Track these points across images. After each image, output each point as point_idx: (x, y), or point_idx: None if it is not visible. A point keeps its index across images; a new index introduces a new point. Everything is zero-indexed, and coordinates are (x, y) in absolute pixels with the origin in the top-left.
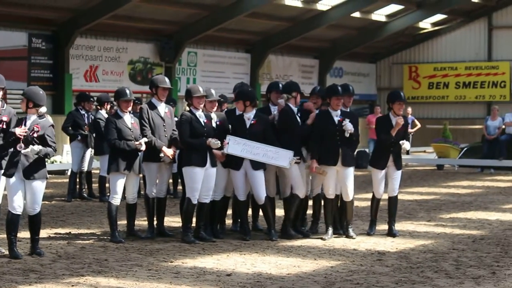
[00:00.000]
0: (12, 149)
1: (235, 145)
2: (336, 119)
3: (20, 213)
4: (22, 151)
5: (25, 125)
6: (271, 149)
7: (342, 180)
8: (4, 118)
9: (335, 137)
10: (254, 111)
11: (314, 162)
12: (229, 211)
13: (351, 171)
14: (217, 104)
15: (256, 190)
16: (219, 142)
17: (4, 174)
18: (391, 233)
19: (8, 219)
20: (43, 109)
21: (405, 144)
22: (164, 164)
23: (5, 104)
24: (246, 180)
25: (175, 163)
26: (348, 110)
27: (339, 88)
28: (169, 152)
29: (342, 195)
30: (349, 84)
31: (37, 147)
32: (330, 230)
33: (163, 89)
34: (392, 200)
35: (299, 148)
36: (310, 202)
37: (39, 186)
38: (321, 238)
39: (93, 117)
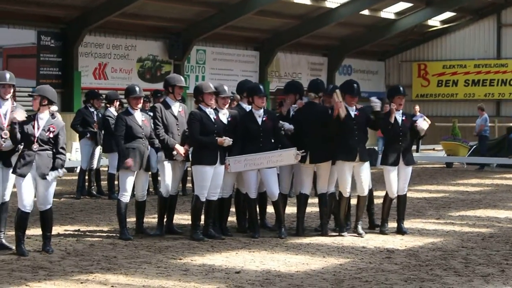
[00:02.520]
0: (22, 148)
1: (237, 164)
2: (353, 113)
3: (30, 211)
4: (49, 179)
5: (37, 122)
6: (273, 154)
7: (358, 175)
8: (19, 118)
9: (353, 132)
10: (262, 108)
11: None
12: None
13: (367, 165)
14: (229, 101)
15: (269, 187)
16: (231, 140)
17: (16, 173)
18: (400, 230)
19: (17, 216)
20: (54, 108)
21: (422, 124)
22: (177, 162)
23: (15, 102)
24: (258, 177)
25: (188, 161)
26: (359, 106)
27: (355, 85)
28: (181, 150)
29: (357, 190)
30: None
31: (56, 173)
32: (346, 229)
33: (180, 88)
34: (401, 199)
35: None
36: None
37: (50, 184)
38: (340, 235)
39: (101, 115)
